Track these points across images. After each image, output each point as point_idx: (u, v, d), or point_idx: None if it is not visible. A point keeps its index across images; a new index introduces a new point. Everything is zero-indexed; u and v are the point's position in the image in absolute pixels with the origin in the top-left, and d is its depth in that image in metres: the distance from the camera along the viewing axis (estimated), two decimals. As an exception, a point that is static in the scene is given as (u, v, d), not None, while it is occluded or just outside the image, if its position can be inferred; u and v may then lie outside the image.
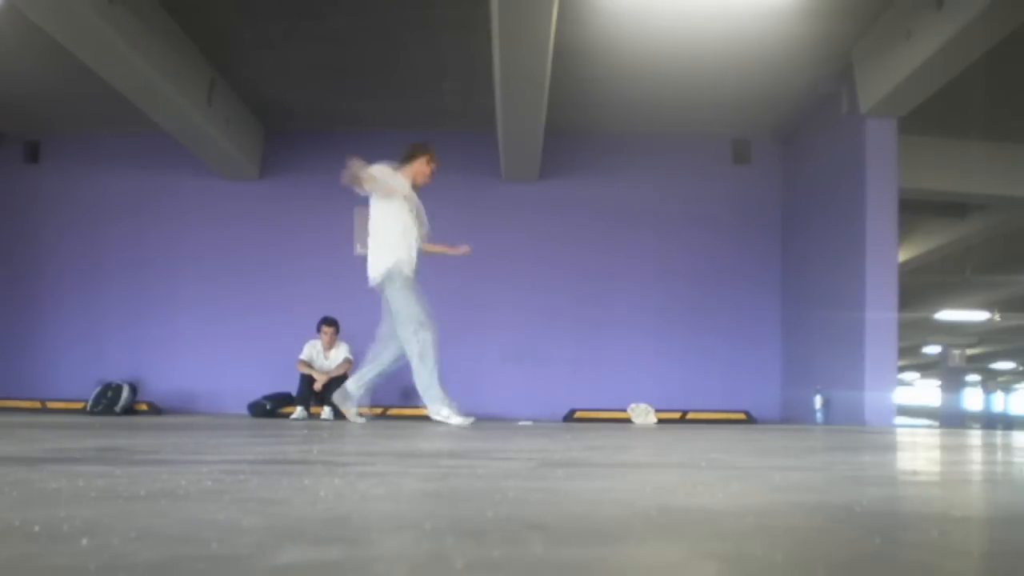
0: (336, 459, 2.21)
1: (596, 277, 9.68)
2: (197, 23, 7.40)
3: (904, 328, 10.03)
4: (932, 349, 23.52)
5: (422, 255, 5.64)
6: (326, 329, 8.19)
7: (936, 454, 3.26)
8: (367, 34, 7.51)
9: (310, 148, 9.78)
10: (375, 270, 5.54)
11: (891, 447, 3.59)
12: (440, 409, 5.37)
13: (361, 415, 5.72)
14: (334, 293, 9.31)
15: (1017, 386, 33.95)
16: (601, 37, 7.30)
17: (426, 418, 5.70)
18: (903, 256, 11.63)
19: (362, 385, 5.64)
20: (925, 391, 33.62)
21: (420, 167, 5.61)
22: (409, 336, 5.38)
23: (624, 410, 8.18)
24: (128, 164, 9.82)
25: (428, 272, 5.87)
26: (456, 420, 5.35)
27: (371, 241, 5.61)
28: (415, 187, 5.64)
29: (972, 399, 27.21)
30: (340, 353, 8.18)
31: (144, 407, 8.90)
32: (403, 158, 5.67)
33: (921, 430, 9.88)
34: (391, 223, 5.53)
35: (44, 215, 9.90)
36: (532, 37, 6.17)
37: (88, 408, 8.56)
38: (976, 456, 3.18)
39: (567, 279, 9.62)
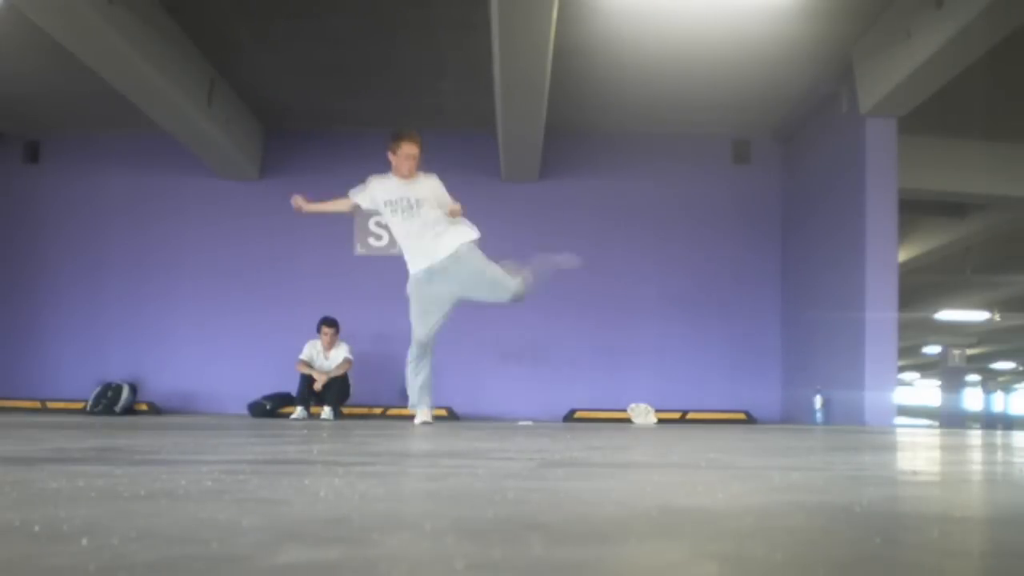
0: (336, 459, 2.21)
1: (596, 277, 9.67)
2: (197, 23, 7.40)
3: (904, 328, 10.03)
4: (932, 349, 23.50)
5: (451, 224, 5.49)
6: (326, 330, 8.19)
7: (936, 454, 3.26)
8: (367, 34, 7.51)
9: (310, 148, 9.78)
10: None
11: (891, 447, 3.59)
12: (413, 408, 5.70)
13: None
14: (334, 293, 9.32)
15: (1017, 386, 33.94)
16: (601, 37, 7.30)
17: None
18: (903, 256, 11.63)
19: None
20: (925, 391, 33.60)
21: (393, 162, 5.53)
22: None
23: (624, 410, 8.18)
24: (128, 164, 9.82)
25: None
26: (421, 418, 5.63)
27: None
28: (408, 178, 5.47)
29: (972, 399, 27.17)
30: (340, 353, 8.18)
31: (144, 407, 8.91)
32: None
33: (921, 430, 9.88)
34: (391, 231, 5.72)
35: (44, 215, 9.89)
36: (532, 37, 6.17)
37: (88, 408, 8.56)
38: (976, 456, 3.18)
39: (567, 279, 9.57)
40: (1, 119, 9.68)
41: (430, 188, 5.46)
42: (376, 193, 5.54)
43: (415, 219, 5.42)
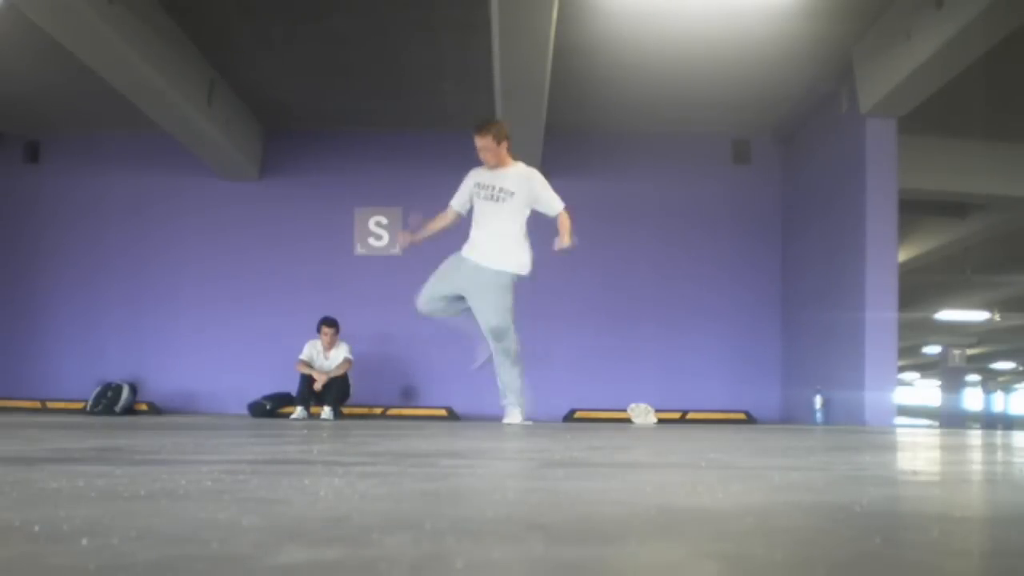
0: (336, 459, 2.21)
1: (596, 277, 9.68)
2: (197, 23, 7.40)
3: (904, 328, 10.02)
4: (932, 349, 23.50)
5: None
6: (326, 330, 8.19)
7: (936, 454, 3.26)
8: (367, 34, 7.51)
9: (310, 148, 9.78)
10: None
11: (891, 447, 3.59)
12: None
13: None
14: (334, 293, 9.32)
15: (1017, 386, 33.93)
16: (601, 37, 7.30)
17: (426, 418, 5.73)
18: (903, 256, 11.63)
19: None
20: (925, 391, 33.59)
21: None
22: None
23: (624, 410, 8.18)
24: (128, 164, 9.82)
25: (428, 270, 5.83)
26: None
27: None
28: (498, 167, 5.41)
29: (972, 399, 27.15)
30: (340, 353, 8.18)
31: (144, 407, 8.91)
32: None
33: (921, 430, 9.88)
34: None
35: (44, 215, 9.90)
36: (532, 37, 6.17)
37: (88, 408, 8.56)
38: (976, 456, 3.18)
39: (567, 279, 9.61)
40: (1, 119, 9.68)
41: (521, 183, 5.38)
42: (470, 178, 5.53)
43: (497, 210, 5.37)
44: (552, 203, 5.41)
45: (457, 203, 5.59)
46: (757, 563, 0.84)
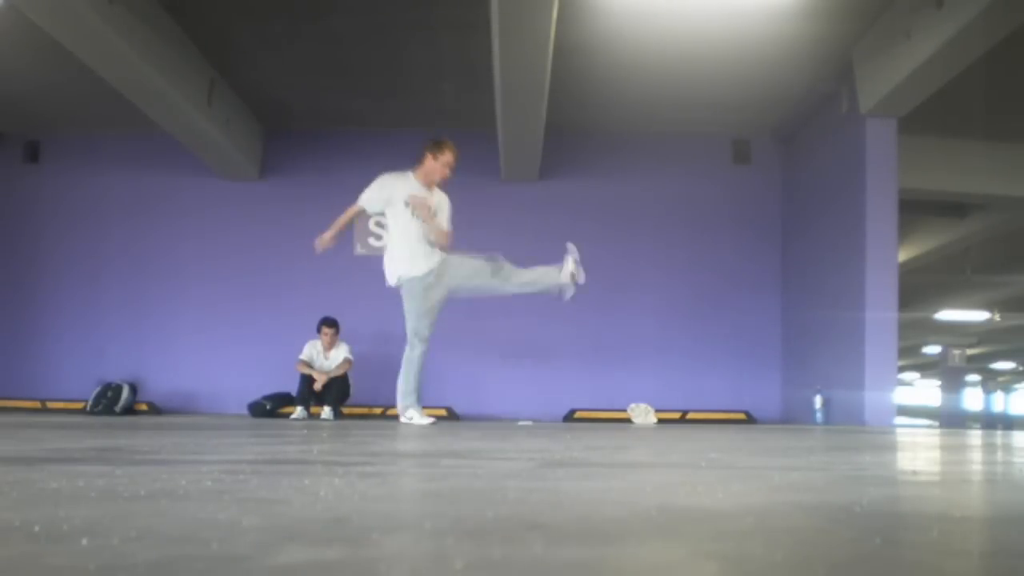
0: (336, 459, 2.21)
1: (596, 277, 9.64)
2: (197, 23, 7.40)
3: (904, 328, 10.02)
4: (932, 349, 23.50)
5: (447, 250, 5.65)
6: (326, 330, 8.19)
7: (936, 454, 3.26)
8: (367, 34, 7.51)
9: (310, 148, 9.78)
10: (388, 276, 5.70)
11: (891, 447, 3.59)
12: (407, 411, 5.57)
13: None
14: (334, 293, 9.32)
15: (1017, 386, 33.92)
16: (601, 36, 7.30)
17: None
18: (903, 256, 11.63)
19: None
20: (925, 391, 33.59)
21: (428, 165, 5.65)
22: (408, 339, 5.62)
23: (624, 410, 8.18)
24: (128, 164, 9.82)
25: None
26: (421, 421, 5.53)
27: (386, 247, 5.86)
28: (432, 186, 5.65)
29: (972, 399, 27.13)
30: (340, 353, 8.18)
31: (144, 407, 8.91)
32: (417, 161, 5.74)
33: (921, 430, 9.88)
34: (392, 230, 5.71)
35: (44, 215, 9.89)
36: (532, 37, 6.17)
37: (88, 408, 8.56)
38: (976, 456, 3.18)
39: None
40: (1, 119, 9.68)
41: (445, 203, 5.67)
42: (394, 191, 5.59)
43: (424, 227, 5.55)
44: (444, 223, 5.66)
45: (368, 203, 5.66)
46: (757, 563, 0.84)
